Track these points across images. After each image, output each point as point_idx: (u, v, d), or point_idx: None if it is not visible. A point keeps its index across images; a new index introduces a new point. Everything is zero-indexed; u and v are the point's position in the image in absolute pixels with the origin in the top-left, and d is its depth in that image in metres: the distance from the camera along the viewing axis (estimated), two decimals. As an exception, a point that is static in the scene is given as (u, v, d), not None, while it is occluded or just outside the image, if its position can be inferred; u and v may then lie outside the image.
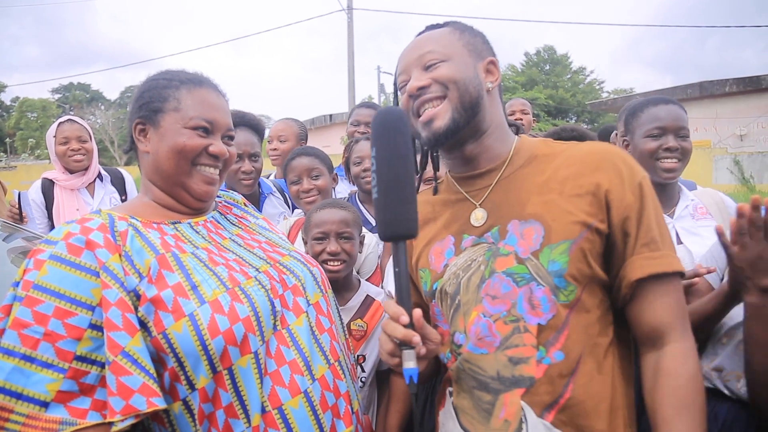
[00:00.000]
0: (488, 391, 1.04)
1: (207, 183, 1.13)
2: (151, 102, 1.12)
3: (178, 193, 1.13)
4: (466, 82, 1.07)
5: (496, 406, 1.02)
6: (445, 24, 1.17)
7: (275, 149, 3.06)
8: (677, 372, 0.99)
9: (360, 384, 1.71)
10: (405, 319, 0.92)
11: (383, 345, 0.97)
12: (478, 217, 1.11)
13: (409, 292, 0.95)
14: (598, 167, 1.04)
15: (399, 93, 1.18)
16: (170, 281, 0.97)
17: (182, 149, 1.09)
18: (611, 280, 1.05)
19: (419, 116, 1.11)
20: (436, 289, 1.14)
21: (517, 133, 1.20)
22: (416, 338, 0.91)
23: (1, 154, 33.33)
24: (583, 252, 1.01)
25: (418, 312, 0.93)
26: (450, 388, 1.13)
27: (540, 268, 1.01)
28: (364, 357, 1.76)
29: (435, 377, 1.29)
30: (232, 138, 1.19)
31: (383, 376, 1.83)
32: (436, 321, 1.18)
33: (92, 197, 3.01)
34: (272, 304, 1.05)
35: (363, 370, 1.75)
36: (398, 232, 0.93)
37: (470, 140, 1.12)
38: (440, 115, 1.07)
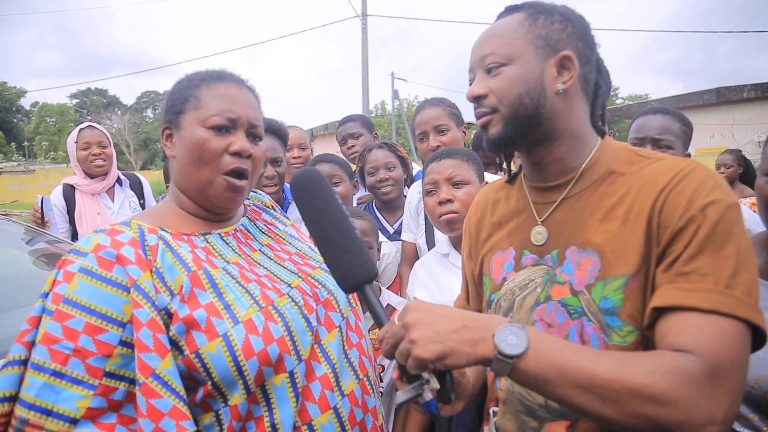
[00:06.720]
0: (534, 418, 1.00)
1: (229, 190, 1.06)
2: (174, 105, 1.09)
3: (202, 200, 1.09)
4: (522, 94, 0.96)
5: None
6: (522, 6, 1.03)
7: (298, 156, 3.07)
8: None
9: (379, 394, 1.70)
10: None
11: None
12: (538, 235, 1.03)
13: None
14: (667, 186, 0.87)
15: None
16: (203, 300, 0.95)
17: (202, 150, 1.03)
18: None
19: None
20: (493, 300, 1.10)
21: (602, 136, 1.04)
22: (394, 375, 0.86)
23: (20, 157, 33.94)
24: (643, 290, 0.87)
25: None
26: (495, 408, 1.10)
27: (591, 303, 0.92)
28: (382, 367, 1.75)
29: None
30: (259, 138, 1.12)
31: (402, 386, 1.82)
32: None
33: (112, 201, 3.06)
34: (307, 320, 1.03)
35: (381, 380, 1.74)
36: (355, 280, 0.90)
37: (538, 146, 1.01)
38: (493, 124, 1.00)
